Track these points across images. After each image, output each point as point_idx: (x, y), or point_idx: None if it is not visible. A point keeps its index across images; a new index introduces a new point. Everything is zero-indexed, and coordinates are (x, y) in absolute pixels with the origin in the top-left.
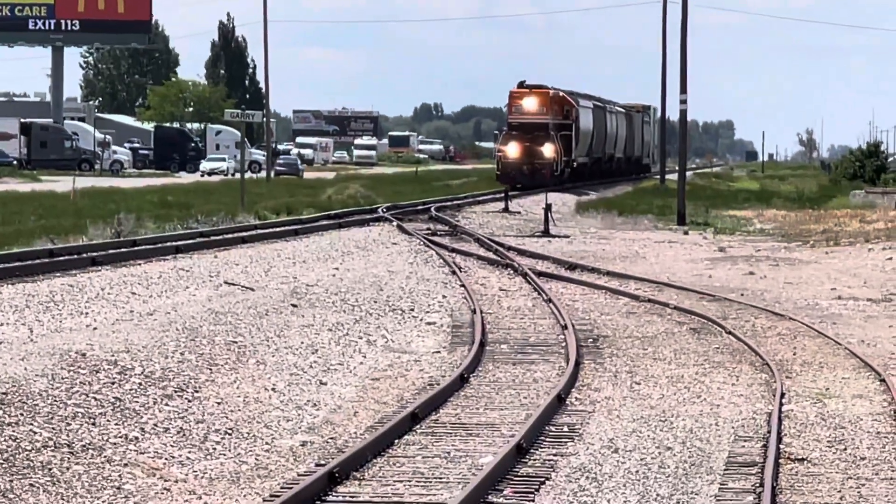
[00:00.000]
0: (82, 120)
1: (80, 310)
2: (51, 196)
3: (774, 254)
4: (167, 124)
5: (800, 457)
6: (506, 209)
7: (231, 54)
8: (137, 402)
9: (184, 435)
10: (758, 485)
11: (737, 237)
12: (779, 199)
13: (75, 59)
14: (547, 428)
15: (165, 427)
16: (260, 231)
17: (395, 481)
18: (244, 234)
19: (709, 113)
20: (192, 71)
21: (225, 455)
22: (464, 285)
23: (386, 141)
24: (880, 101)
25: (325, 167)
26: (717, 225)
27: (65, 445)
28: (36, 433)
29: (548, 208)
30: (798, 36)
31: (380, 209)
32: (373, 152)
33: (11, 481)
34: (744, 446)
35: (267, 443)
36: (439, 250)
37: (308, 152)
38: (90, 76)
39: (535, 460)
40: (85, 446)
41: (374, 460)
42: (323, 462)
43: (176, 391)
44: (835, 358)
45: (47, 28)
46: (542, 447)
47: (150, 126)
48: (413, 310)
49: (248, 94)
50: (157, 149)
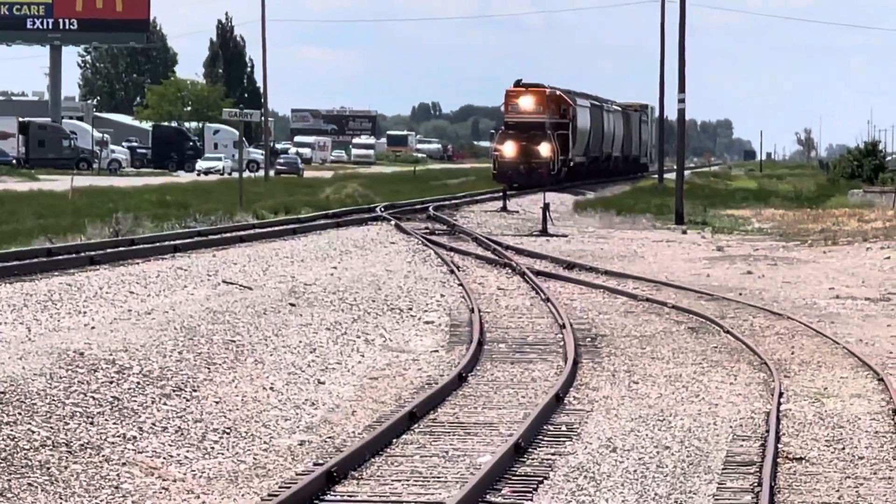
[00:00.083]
0: (80, 119)
1: (79, 309)
2: (49, 195)
3: (772, 253)
4: (165, 123)
5: (798, 456)
6: (504, 208)
7: (229, 53)
8: (135, 401)
9: (182, 434)
10: (756, 484)
11: (735, 236)
12: (777, 198)
13: (73, 58)
14: (545, 427)
15: (164, 426)
16: (258, 230)
17: (393, 480)
18: (242, 233)
19: (707, 112)
20: (191, 70)
21: (223, 454)
22: (462, 284)
23: (384, 140)
24: (879, 101)
25: (323, 166)
26: (716, 224)
27: (63, 445)
28: (34, 432)
29: (546, 207)
30: (797, 36)
31: (378, 208)
32: (371, 151)
33: (10, 480)
34: (742, 446)
35: (265, 442)
36: (437, 249)
37: (306, 151)
38: (88, 75)
39: (533, 459)
40: (83, 445)
41: (373, 459)
42: (321, 461)
43: (174, 390)
44: (833, 357)
45: (45, 27)
46: (540, 446)
47: (148, 125)
48: (411, 309)
49: (246, 93)
50: (155, 148)
